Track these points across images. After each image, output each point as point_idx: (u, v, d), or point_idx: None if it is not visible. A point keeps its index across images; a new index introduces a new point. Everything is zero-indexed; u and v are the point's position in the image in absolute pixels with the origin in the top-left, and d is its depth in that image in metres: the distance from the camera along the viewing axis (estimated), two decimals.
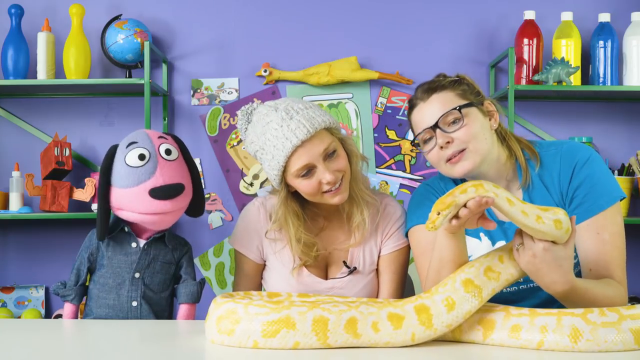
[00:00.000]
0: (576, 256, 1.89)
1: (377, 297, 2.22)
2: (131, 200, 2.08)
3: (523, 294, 1.96)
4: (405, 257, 2.24)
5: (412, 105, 1.99)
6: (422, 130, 1.94)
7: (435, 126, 1.90)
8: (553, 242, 1.61)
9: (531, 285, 1.93)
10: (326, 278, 2.20)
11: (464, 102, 1.91)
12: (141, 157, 2.09)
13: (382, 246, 2.21)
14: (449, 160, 1.91)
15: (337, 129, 2.08)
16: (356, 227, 2.17)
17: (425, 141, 1.95)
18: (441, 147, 1.90)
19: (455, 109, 1.89)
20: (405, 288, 2.27)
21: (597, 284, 1.77)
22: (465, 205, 1.58)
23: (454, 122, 1.89)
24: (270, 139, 2.01)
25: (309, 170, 2.02)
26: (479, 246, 2.00)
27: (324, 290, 2.16)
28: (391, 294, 2.19)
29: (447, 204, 1.57)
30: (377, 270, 2.23)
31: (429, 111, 1.92)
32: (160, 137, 2.17)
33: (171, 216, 2.12)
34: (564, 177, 1.92)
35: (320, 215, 2.21)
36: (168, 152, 2.13)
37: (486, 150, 1.91)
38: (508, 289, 1.96)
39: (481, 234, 1.99)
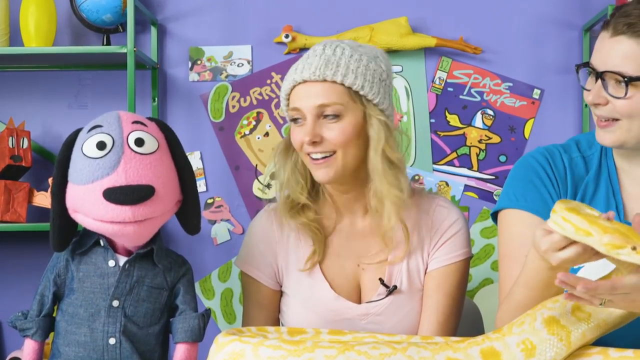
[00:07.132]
0: None
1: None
2: (84, 201, 2.07)
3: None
4: (461, 275, 2.24)
5: (606, 23, 1.96)
6: (591, 65, 1.96)
7: (600, 76, 1.92)
8: None
9: None
10: (359, 302, 2.22)
11: None
12: (100, 145, 2.08)
13: (430, 259, 2.23)
14: (597, 117, 1.97)
15: (368, 99, 2.14)
16: (385, 234, 2.20)
17: (590, 74, 1.97)
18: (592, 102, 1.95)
19: (624, 77, 1.88)
20: (460, 319, 2.27)
21: None
22: None
23: (619, 85, 1.91)
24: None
25: (298, 118, 2.18)
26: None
27: (357, 318, 2.19)
28: (438, 325, 2.19)
29: None
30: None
31: (606, 52, 1.93)
32: (135, 122, 2.15)
33: (136, 227, 2.07)
34: None
35: (338, 203, 2.26)
36: (139, 142, 2.10)
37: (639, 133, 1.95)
38: None
39: None
